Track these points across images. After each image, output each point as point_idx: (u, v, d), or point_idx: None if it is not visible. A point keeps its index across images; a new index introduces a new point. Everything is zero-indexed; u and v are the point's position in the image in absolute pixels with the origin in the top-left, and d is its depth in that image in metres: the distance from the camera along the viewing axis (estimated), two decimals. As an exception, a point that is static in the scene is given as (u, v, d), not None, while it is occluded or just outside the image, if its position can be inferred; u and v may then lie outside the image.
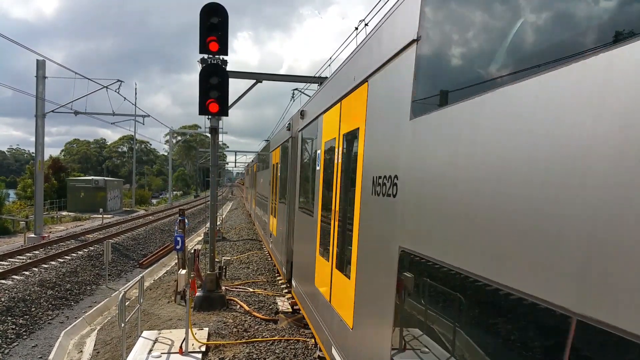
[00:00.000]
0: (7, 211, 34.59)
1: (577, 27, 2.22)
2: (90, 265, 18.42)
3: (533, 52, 2.44)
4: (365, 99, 4.87)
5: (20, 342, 10.84)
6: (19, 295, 13.07)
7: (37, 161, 25.09)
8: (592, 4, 2.19)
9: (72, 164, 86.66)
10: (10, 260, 17.46)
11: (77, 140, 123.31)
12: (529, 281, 2.13)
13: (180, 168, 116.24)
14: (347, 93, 5.69)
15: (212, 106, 9.69)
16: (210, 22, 9.50)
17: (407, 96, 3.65)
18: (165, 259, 21.40)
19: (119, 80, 27.58)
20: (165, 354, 7.72)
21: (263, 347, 8.28)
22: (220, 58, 10.02)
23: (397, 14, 4.07)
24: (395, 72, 4.04)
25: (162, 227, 31.85)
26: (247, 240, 22.81)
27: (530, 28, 2.57)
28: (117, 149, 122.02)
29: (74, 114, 27.60)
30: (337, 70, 6.71)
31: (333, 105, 6.55)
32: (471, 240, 2.58)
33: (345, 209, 5.66)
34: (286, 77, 15.08)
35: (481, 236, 2.52)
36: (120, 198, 53.89)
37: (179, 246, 9.38)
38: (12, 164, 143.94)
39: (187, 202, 62.20)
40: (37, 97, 24.16)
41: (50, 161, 52.37)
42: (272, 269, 15.18)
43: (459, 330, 3.00)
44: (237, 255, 18.06)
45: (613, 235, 1.71)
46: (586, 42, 2.06)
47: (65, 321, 12.46)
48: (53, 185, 48.65)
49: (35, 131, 24.73)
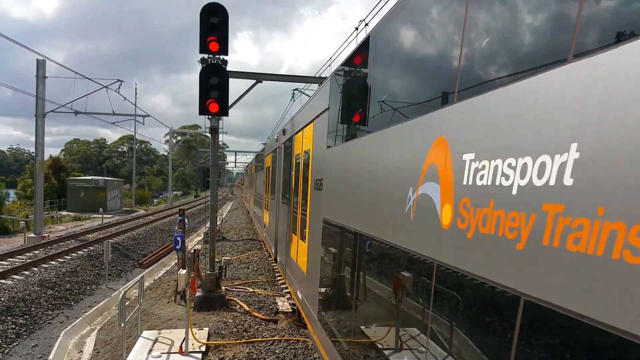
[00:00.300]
0: (7, 211, 34.58)
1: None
2: (90, 265, 18.41)
3: (382, 120, 4.63)
4: (312, 133, 8.01)
5: (20, 341, 10.84)
6: (18, 295, 13.07)
7: (37, 161, 25.08)
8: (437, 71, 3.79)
9: (72, 164, 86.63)
10: (10, 260, 17.45)
11: (77, 140, 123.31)
12: (377, 231, 4.38)
13: (181, 168, 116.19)
14: (304, 127, 9.02)
15: (212, 106, 9.70)
16: (210, 22, 9.51)
17: (323, 137, 7.00)
18: (165, 259, 21.40)
19: (119, 80, 27.55)
20: (165, 354, 7.72)
21: (263, 347, 8.28)
22: (220, 58, 10.02)
23: (320, 93, 7.79)
24: (318, 125, 7.53)
25: (162, 227, 31.85)
26: (247, 240, 22.81)
27: (379, 99, 4.87)
28: (117, 148, 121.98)
29: (74, 113, 27.57)
30: (301, 109, 10.24)
31: (299, 131, 9.73)
32: (353, 210, 5.32)
33: (304, 199, 8.58)
34: (286, 77, 15.07)
35: (357, 207, 5.08)
36: (120, 198, 53.87)
37: (179, 246, 9.39)
38: (12, 164, 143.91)
39: (187, 202, 62.22)
40: (37, 96, 24.14)
41: (50, 161, 52.35)
42: (272, 269, 15.18)
43: (346, 257, 5.84)
44: (237, 255, 18.06)
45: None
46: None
47: (65, 321, 12.46)
48: (53, 185, 48.61)
49: (35, 131, 24.71)
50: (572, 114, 1.94)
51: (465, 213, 2.68)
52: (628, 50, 1.74)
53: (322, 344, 6.66)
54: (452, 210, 2.85)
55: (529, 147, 2.18)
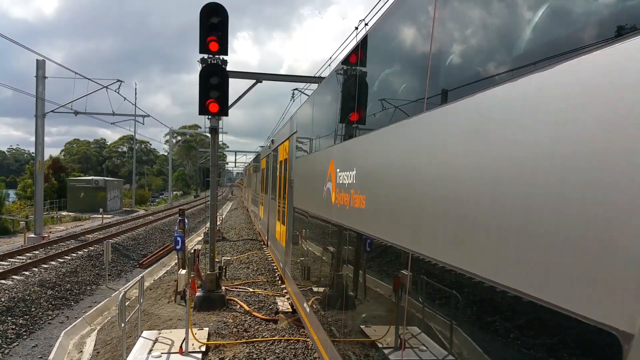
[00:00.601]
0: (7, 211, 34.58)
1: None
2: (90, 265, 18.41)
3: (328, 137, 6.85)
4: (288, 147, 10.79)
5: (20, 342, 10.84)
6: (19, 295, 13.06)
7: (37, 161, 25.07)
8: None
9: (72, 164, 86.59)
10: (10, 260, 17.44)
11: (77, 140, 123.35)
12: (314, 209, 7.30)
13: (180, 168, 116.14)
14: (283, 141, 11.88)
15: (212, 106, 9.70)
16: (210, 22, 9.51)
17: (294, 151, 9.84)
18: (165, 259, 21.39)
19: (118, 80, 27.55)
20: (166, 354, 7.72)
21: (263, 347, 8.28)
22: (220, 58, 10.02)
23: (291, 121, 10.87)
24: (291, 142, 10.37)
25: (162, 227, 31.84)
26: (247, 240, 22.81)
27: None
28: (117, 149, 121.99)
29: (74, 114, 27.56)
30: (282, 128, 13.51)
31: (280, 144, 12.68)
32: (321, 201, 6.50)
33: (284, 194, 11.07)
34: (286, 77, 15.08)
35: (324, 201, 6.28)
36: (120, 198, 53.87)
37: (179, 246, 9.38)
38: (12, 164, 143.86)
39: (187, 202, 62.20)
40: (37, 97, 24.13)
41: (50, 161, 52.32)
42: (272, 268, 15.18)
43: (302, 234, 8.62)
44: (237, 255, 18.06)
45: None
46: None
47: (65, 321, 12.46)
48: (53, 185, 48.59)
49: (35, 131, 24.70)
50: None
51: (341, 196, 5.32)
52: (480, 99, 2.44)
53: (292, 290, 9.64)
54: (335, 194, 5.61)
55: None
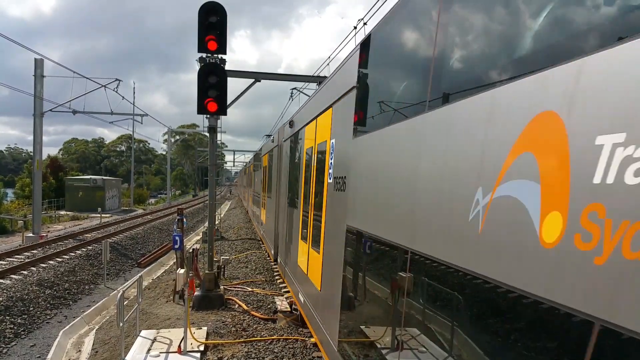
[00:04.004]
0: (5, 210, 34.50)
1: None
2: (89, 265, 18.38)
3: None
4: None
5: (18, 341, 10.82)
6: (17, 294, 13.04)
7: (35, 160, 25.00)
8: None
9: (70, 163, 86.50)
10: (8, 260, 17.41)
11: (75, 140, 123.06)
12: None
13: (179, 167, 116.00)
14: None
15: (211, 105, 9.68)
16: (208, 21, 9.49)
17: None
18: (164, 259, 21.36)
19: (117, 79, 27.53)
20: (164, 353, 7.72)
21: (262, 346, 8.28)
22: (218, 57, 10.01)
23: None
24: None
25: (161, 226, 31.81)
26: (246, 240, 22.81)
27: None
28: (116, 148, 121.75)
29: (72, 113, 27.56)
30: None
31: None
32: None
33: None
34: (285, 76, 15.05)
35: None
36: (119, 197, 53.77)
37: (178, 245, 9.37)
38: (10, 163, 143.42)
39: (185, 202, 62.14)
40: (35, 96, 24.07)
41: (49, 160, 52.24)
42: (271, 268, 15.18)
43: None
44: (235, 255, 18.05)
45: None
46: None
47: (64, 320, 12.44)
48: (51, 184, 48.51)
49: (34, 130, 24.64)
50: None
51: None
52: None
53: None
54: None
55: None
